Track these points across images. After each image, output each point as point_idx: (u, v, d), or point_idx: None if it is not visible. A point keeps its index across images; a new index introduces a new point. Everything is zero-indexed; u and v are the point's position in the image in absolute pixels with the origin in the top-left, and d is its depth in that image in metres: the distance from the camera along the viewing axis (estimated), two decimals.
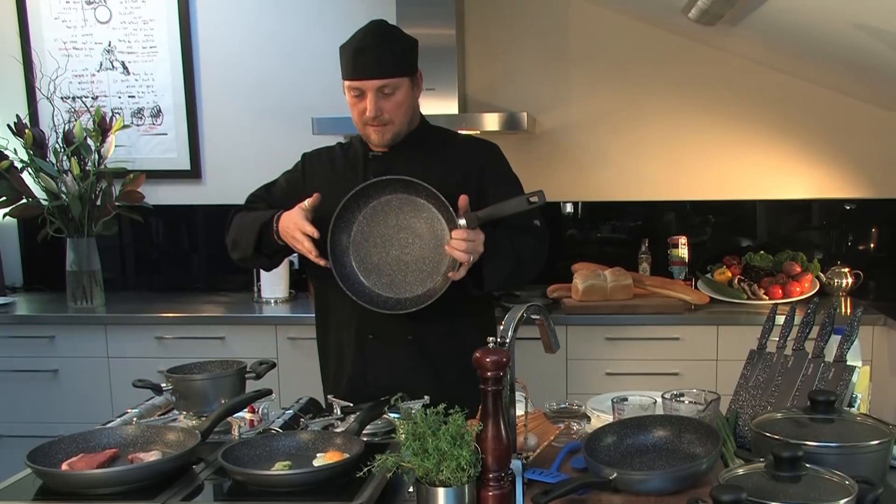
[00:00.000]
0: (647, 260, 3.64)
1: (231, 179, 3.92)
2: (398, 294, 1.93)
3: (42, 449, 1.54)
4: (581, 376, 3.24)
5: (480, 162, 2.06)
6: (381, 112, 1.95)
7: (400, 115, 1.98)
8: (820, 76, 3.52)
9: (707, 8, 2.61)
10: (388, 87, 1.93)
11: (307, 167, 2.14)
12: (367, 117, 1.95)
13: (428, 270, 1.92)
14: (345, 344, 2.08)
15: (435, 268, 1.92)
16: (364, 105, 1.95)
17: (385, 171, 2.01)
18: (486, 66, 3.75)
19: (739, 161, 3.70)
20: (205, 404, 1.82)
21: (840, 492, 1.20)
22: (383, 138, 1.99)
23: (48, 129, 3.65)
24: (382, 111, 1.95)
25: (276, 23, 3.83)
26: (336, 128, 3.54)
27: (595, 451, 1.50)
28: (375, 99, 1.93)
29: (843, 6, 2.42)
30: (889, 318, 3.10)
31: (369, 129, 1.98)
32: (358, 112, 1.98)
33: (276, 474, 1.45)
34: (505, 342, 1.44)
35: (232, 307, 3.55)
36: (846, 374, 1.61)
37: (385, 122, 1.97)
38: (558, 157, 3.76)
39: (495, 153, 2.13)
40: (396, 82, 1.94)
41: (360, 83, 1.93)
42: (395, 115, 1.97)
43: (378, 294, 1.94)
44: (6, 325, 3.43)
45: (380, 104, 1.94)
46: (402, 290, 1.93)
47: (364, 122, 1.98)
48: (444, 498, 1.28)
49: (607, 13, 3.69)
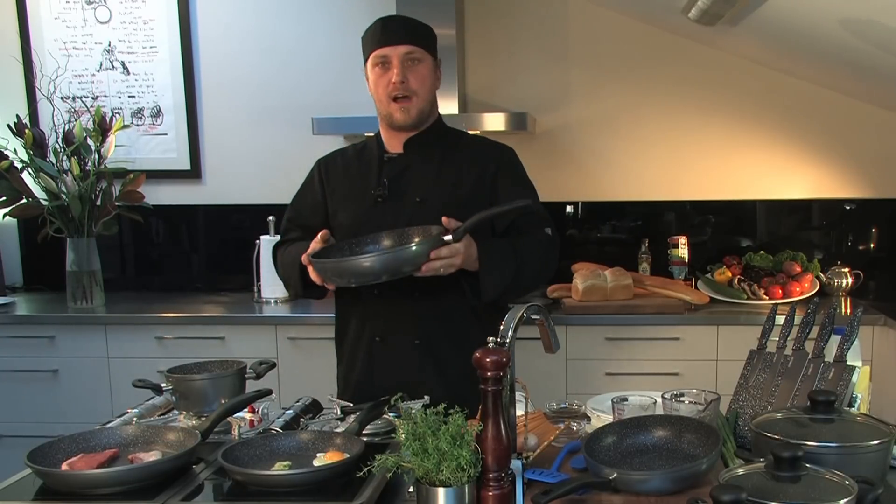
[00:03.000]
0: (647, 260, 3.64)
1: (231, 179, 3.93)
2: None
3: (42, 449, 1.54)
4: (581, 376, 3.24)
5: (494, 166, 2.05)
6: (406, 79, 1.95)
7: (424, 90, 1.98)
8: (820, 76, 3.52)
9: (707, 8, 2.61)
10: (415, 54, 1.95)
11: (323, 174, 2.14)
12: (394, 84, 1.95)
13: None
14: (355, 347, 2.10)
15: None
16: (389, 75, 1.95)
17: (400, 173, 2.03)
18: (486, 66, 3.75)
19: (739, 161, 3.71)
20: (205, 404, 1.82)
21: (840, 492, 1.20)
22: (409, 115, 1.98)
23: (48, 129, 3.65)
24: (408, 80, 1.95)
25: (276, 23, 3.83)
26: (336, 128, 3.54)
27: (595, 451, 1.50)
28: (402, 66, 1.94)
29: (843, 6, 2.42)
30: (889, 318, 3.10)
31: (394, 106, 1.97)
32: (383, 85, 1.97)
33: (276, 474, 1.45)
34: (505, 342, 1.44)
35: (232, 307, 3.55)
36: (846, 374, 1.61)
37: (410, 95, 1.96)
38: (558, 157, 3.76)
39: (510, 157, 2.11)
40: (422, 53, 1.96)
41: (388, 49, 1.94)
42: (419, 87, 1.97)
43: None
44: (6, 325, 3.43)
45: (406, 73, 1.95)
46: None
47: (390, 95, 1.97)
48: (444, 498, 1.28)
49: (607, 13, 3.69)
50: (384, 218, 2.01)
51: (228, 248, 3.95)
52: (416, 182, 2.03)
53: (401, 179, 2.03)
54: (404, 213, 2.00)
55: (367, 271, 1.79)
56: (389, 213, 2.01)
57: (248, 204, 3.90)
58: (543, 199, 2.13)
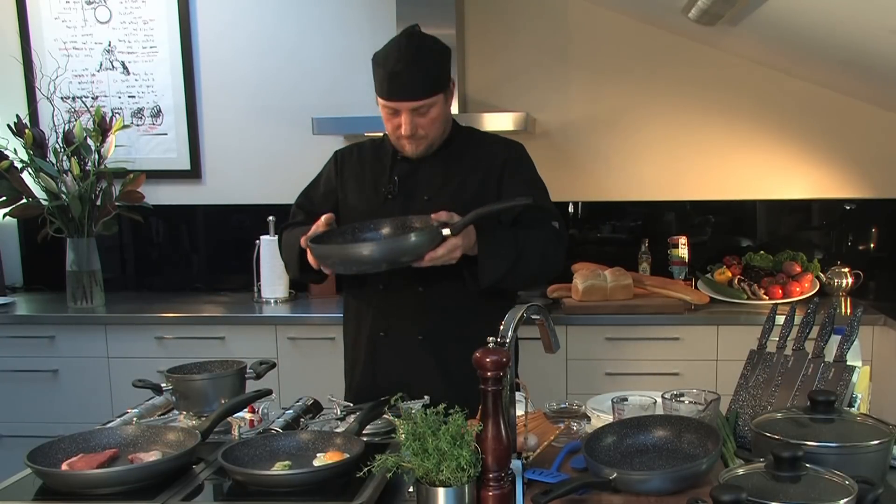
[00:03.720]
0: (647, 260, 3.64)
1: (231, 179, 3.93)
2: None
3: (42, 449, 1.54)
4: (581, 376, 3.24)
5: (501, 163, 2.07)
6: (416, 129, 1.96)
7: (434, 129, 1.99)
8: (820, 76, 3.52)
9: (707, 8, 2.61)
10: (424, 107, 1.94)
11: (339, 164, 2.16)
12: (402, 135, 1.96)
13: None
14: (360, 342, 2.12)
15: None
16: (398, 121, 1.96)
17: (410, 172, 2.05)
18: (486, 66, 3.75)
19: (739, 161, 3.70)
20: (205, 404, 1.82)
21: (840, 492, 1.20)
22: (417, 149, 2.00)
23: (48, 129, 3.65)
24: (417, 128, 1.96)
25: (276, 23, 3.82)
26: (336, 128, 3.54)
27: (595, 451, 1.50)
28: (411, 118, 1.94)
29: (844, 6, 2.42)
30: (889, 318, 3.10)
31: (403, 141, 1.99)
32: (392, 127, 1.99)
33: (276, 474, 1.45)
34: (505, 342, 1.44)
35: (232, 307, 3.54)
36: (846, 374, 1.61)
37: (420, 138, 1.98)
38: (558, 157, 3.76)
39: (517, 154, 2.12)
40: (432, 101, 1.95)
41: (396, 104, 1.94)
42: (429, 130, 1.98)
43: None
44: (6, 325, 3.43)
45: (415, 122, 1.95)
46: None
47: (398, 137, 1.99)
48: (444, 498, 1.28)
49: (607, 13, 3.69)
50: (391, 214, 2.03)
51: (228, 248, 3.95)
52: (426, 181, 2.05)
53: (411, 178, 2.06)
54: (412, 210, 2.02)
55: (365, 259, 1.78)
56: (397, 210, 2.03)
57: (248, 204, 3.90)
58: None
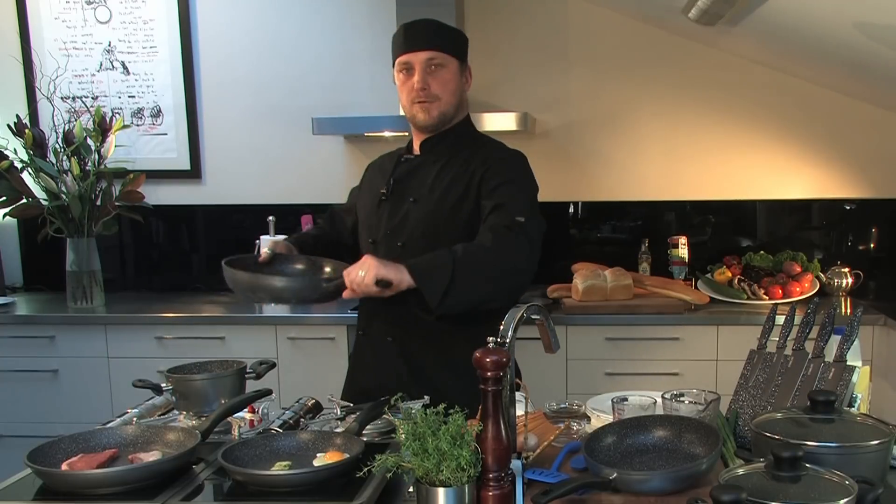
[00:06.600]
0: (647, 260, 3.64)
1: (231, 179, 3.93)
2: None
3: (42, 449, 1.54)
4: (581, 376, 3.24)
5: (482, 169, 1.98)
6: (427, 86, 1.95)
7: (447, 93, 1.97)
8: (820, 76, 3.52)
9: (707, 8, 2.61)
10: (437, 60, 1.95)
11: (364, 175, 2.24)
12: (414, 90, 1.95)
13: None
14: (353, 338, 2.20)
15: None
16: (412, 81, 1.96)
17: (407, 174, 2.05)
18: (486, 66, 3.74)
19: (739, 161, 3.70)
20: (205, 404, 1.82)
21: (840, 492, 1.20)
22: (430, 116, 1.98)
23: (48, 129, 3.65)
24: (429, 86, 1.95)
25: (276, 23, 3.83)
26: (336, 128, 3.54)
27: (595, 451, 1.50)
28: (423, 73, 1.95)
29: (843, 5, 2.42)
30: (889, 318, 3.10)
31: (416, 106, 1.98)
32: (406, 91, 1.98)
33: (276, 474, 1.44)
34: (505, 342, 1.44)
35: (232, 307, 3.54)
36: (846, 374, 1.61)
37: (431, 99, 1.96)
38: (558, 157, 3.76)
39: (500, 161, 2.00)
40: (445, 58, 1.96)
41: (410, 56, 1.95)
42: (441, 91, 1.96)
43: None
44: (6, 325, 3.43)
45: (427, 79, 1.95)
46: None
47: (411, 100, 1.98)
48: (444, 498, 1.28)
49: (607, 13, 3.69)
50: (382, 216, 2.05)
51: (228, 248, 3.91)
52: (418, 183, 2.04)
53: (405, 180, 2.06)
54: (400, 212, 2.02)
55: (255, 290, 1.89)
56: (386, 212, 2.04)
57: (248, 204, 3.90)
58: (543, 199, 2.08)
